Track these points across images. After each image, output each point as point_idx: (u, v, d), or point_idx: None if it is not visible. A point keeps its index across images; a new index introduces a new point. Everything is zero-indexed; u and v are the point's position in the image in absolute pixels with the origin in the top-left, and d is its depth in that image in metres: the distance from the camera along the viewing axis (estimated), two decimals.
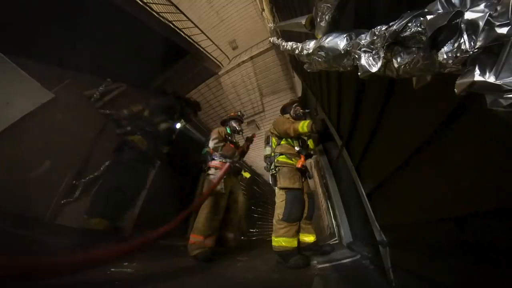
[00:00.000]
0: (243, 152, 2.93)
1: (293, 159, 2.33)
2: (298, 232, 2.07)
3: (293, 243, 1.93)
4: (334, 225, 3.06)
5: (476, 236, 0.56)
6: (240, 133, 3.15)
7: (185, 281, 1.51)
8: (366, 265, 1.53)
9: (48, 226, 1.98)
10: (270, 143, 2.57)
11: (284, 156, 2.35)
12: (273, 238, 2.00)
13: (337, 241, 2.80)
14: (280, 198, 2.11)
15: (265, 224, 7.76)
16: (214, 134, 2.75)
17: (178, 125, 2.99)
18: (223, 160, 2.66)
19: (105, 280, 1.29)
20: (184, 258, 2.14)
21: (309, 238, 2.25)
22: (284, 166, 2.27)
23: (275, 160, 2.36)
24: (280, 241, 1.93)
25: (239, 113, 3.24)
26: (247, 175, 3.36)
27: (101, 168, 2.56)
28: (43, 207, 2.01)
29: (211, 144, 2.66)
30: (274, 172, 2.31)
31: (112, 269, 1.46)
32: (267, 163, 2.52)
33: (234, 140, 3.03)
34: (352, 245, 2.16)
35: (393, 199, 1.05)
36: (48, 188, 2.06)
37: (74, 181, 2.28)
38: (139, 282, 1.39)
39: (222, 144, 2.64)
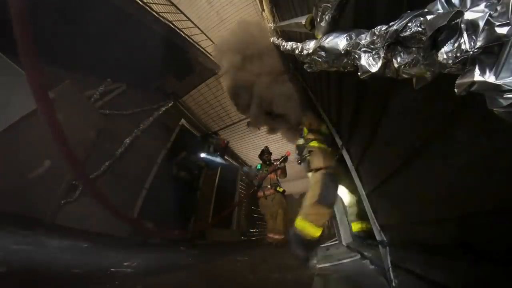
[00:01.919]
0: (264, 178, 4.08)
1: (324, 143, 2.24)
2: (325, 224, 1.92)
3: (317, 233, 1.77)
4: (334, 225, 3.06)
5: (476, 236, 0.56)
6: (268, 162, 4.31)
7: (185, 281, 1.51)
8: (366, 265, 1.53)
9: (48, 226, 1.98)
10: (302, 134, 2.54)
11: (315, 141, 2.26)
12: (299, 218, 1.81)
13: (337, 241, 2.80)
14: (314, 178, 1.92)
15: (265, 224, 7.75)
16: None
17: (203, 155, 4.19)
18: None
19: (105, 280, 1.29)
20: (184, 258, 2.14)
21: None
22: (316, 149, 2.16)
23: (306, 146, 2.27)
24: (306, 226, 1.75)
25: (266, 147, 4.55)
26: (280, 189, 4.19)
27: (101, 168, 2.56)
28: (43, 207, 2.01)
29: None
30: (307, 155, 2.17)
31: (112, 269, 1.46)
32: (298, 153, 2.47)
33: (266, 170, 4.15)
34: (352, 245, 2.15)
35: (393, 199, 1.05)
36: (48, 188, 2.06)
37: (74, 181, 2.28)
38: (139, 282, 1.39)
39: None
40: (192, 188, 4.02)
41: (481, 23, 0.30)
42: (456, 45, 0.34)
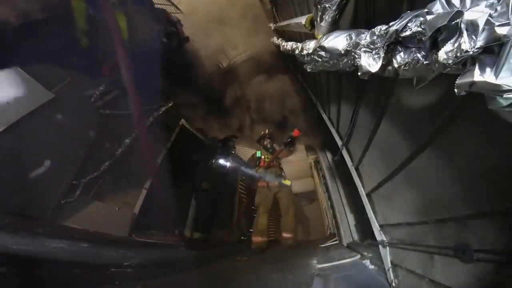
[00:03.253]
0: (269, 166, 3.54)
1: None
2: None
3: None
4: (334, 225, 3.06)
5: (476, 236, 0.56)
6: (270, 150, 3.66)
7: (185, 281, 1.51)
8: (366, 265, 1.53)
9: (48, 226, 1.97)
10: None
11: None
12: None
13: (337, 241, 2.80)
14: None
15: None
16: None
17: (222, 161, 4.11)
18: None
19: (105, 280, 1.29)
20: (184, 258, 2.14)
21: None
22: None
23: None
24: None
25: (267, 131, 3.89)
26: (287, 182, 3.52)
27: (101, 168, 2.56)
28: (43, 207, 2.01)
29: None
30: None
31: (112, 269, 1.46)
32: None
33: (266, 157, 3.64)
34: (352, 245, 2.15)
35: (393, 199, 1.05)
36: (48, 188, 2.06)
37: (74, 181, 2.28)
38: (139, 282, 1.39)
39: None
40: (217, 195, 4.09)
41: (481, 23, 0.30)
42: (456, 45, 0.34)
